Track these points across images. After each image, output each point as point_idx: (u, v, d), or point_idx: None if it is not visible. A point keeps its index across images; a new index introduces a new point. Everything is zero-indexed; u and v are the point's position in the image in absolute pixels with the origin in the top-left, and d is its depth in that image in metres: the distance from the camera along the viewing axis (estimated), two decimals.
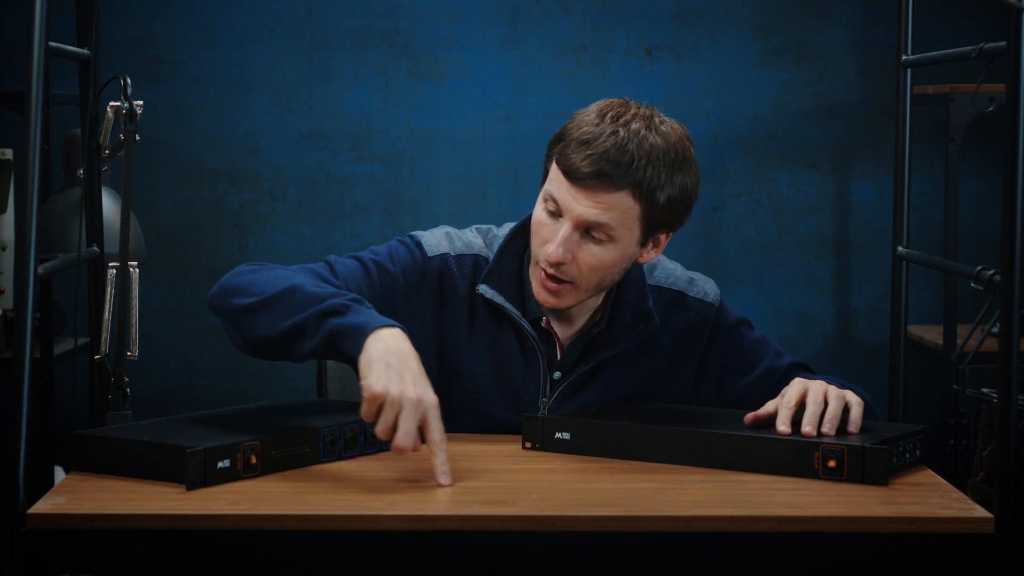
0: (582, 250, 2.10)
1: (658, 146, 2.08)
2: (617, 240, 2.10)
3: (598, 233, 2.09)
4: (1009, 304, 1.79)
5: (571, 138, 2.08)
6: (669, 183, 2.09)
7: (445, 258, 2.21)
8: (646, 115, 2.11)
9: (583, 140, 2.07)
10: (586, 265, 2.10)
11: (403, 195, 4.19)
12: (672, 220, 2.14)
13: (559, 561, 1.71)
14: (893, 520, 1.72)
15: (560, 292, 2.13)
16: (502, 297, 2.19)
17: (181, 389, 4.17)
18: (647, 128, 2.08)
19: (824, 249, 4.24)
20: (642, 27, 4.17)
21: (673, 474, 1.92)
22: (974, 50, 2.28)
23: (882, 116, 4.19)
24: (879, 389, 4.18)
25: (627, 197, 2.07)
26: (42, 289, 3.36)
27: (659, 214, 2.11)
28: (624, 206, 2.08)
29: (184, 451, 1.78)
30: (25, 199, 1.79)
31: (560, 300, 2.14)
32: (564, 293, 2.13)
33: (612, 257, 2.11)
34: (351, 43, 4.16)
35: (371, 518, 1.71)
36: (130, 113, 2.23)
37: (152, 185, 4.13)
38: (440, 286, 2.21)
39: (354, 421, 1.99)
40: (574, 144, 2.07)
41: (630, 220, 2.09)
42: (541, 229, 2.12)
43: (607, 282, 2.15)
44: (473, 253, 2.22)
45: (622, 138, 2.06)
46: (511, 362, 2.20)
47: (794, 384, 2.03)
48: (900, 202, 2.61)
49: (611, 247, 2.10)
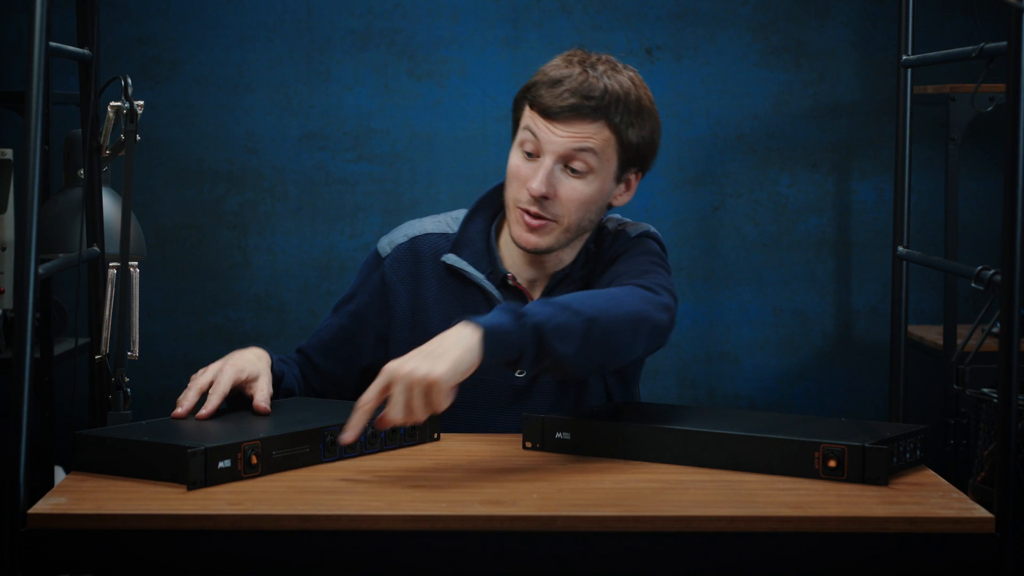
0: (563, 185, 2.19)
1: (625, 86, 2.21)
2: (595, 172, 2.19)
3: (578, 165, 2.18)
4: (1009, 304, 1.79)
5: (543, 81, 2.20)
6: (639, 120, 2.22)
7: (399, 249, 2.32)
8: (607, 59, 2.23)
9: (556, 79, 2.18)
10: (567, 200, 2.19)
11: (403, 195, 4.19)
12: (643, 159, 2.26)
13: (559, 561, 1.71)
14: (893, 520, 1.72)
15: (541, 229, 2.20)
16: (466, 263, 2.27)
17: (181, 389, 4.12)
18: (613, 70, 2.21)
19: (824, 249, 4.24)
20: (642, 27, 4.17)
21: (673, 474, 1.92)
22: (974, 50, 2.28)
23: (882, 116, 4.19)
24: (879, 389, 4.21)
25: (604, 128, 2.19)
26: (42, 289, 3.36)
27: (632, 149, 2.22)
28: (602, 136, 2.19)
29: (185, 451, 1.79)
30: (25, 199, 1.79)
31: (541, 238, 2.21)
32: (545, 231, 2.20)
33: (591, 191, 2.20)
34: (351, 43, 4.16)
35: (371, 518, 1.71)
36: (130, 113, 2.23)
37: (152, 185, 4.13)
38: (401, 275, 2.30)
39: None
40: (547, 84, 2.19)
41: (608, 151, 2.19)
42: (519, 172, 2.21)
43: (587, 222, 2.23)
44: (427, 232, 2.33)
45: (591, 76, 2.19)
46: None
47: (382, 373, 1.89)
48: (900, 202, 2.61)
49: (591, 179, 2.19)
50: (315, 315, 4.13)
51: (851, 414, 4.20)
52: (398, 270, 2.31)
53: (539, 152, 2.19)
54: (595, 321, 1.98)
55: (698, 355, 4.23)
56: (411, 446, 2.09)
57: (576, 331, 1.96)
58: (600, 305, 2.02)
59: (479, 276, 2.26)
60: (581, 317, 1.97)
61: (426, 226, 2.34)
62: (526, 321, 1.92)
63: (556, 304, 1.98)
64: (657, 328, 2.09)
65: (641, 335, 2.06)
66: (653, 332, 2.08)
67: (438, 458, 2.03)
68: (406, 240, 2.33)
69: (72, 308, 3.65)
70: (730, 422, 2.03)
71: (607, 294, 2.08)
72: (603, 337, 2.00)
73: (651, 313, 2.07)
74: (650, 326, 2.07)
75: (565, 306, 1.98)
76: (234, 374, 2.11)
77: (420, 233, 2.33)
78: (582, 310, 1.98)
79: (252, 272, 4.18)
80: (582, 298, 2.03)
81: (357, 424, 1.87)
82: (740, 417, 2.08)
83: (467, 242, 2.29)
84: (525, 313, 1.93)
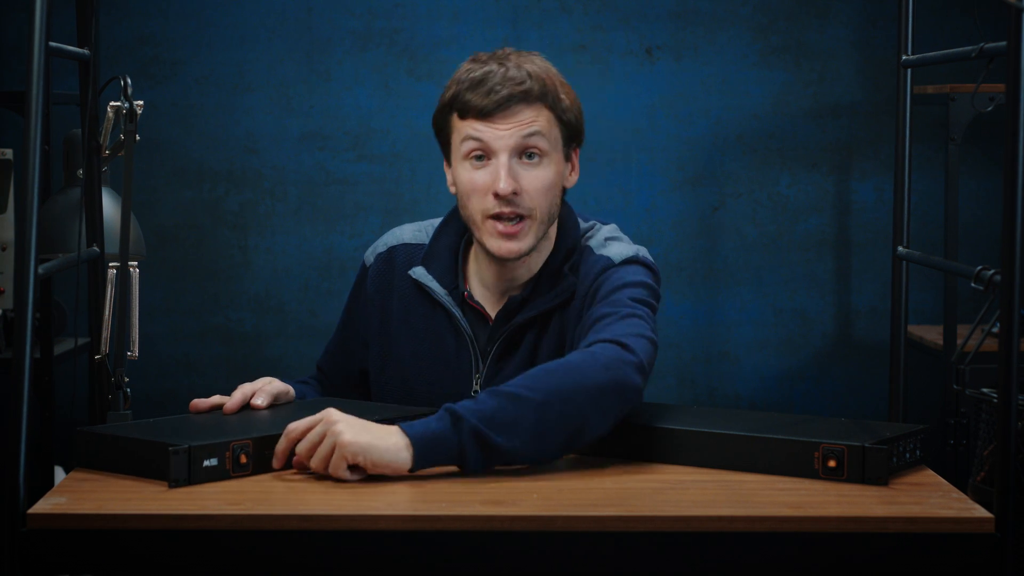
0: (523, 178, 2.18)
1: (541, 66, 2.22)
2: (548, 154, 2.19)
3: (532, 149, 2.18)
4: (1009, 304, 1.79)
5: (464, 88, 2.18)
6: (566, 95, 2.22)
7: (379, 258, 2.34)
8: (512, 51, 2.24)
9: (478, 81, 2.18)
10: (533, 189, 2.18)
11: (403, 195, 4.18)
12: (578, 133, 2.25)
13: (559, 561, 1.71)
14: (893, 520, 1.72)
15: (519, 232, 2.18)
16: (431, 277, 2.27)
17: (181, 389, 4.16)
18: (521, 59, 2.21)
19: (824, 249, 4.24)
20: (642, 27, 4.17)
21: (673, 474, 1.92)
22: (974, 50, 2.28)
23: (882, 116, 4.18)
24: (879, 389, 4.20)
25: (543, 109, 2.19)
26: (42, 289, 3.36)
27: (570, 125, 2.22)
28: (544, 117, 2.19)
29: (167, 448, 1.79)
30: (25, 199, 1.79)
31: (520, 241, 2.19)
32: (522, 233, 2.18)
33: (551, 174, 2.19)
34: (351, 43, 4.16)
35: (371, 518, 1.71)
36: (130, 113, 2.23)
37: (152, 185, 4.13)
38: (378, 285, 2.32)
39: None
40: (471, 88, 2.17)
41: (553, 130, 2.20)
42: (475, 183, 2.19)
43: (555, 207, 2.22)
44: (403, 243, 2.33)
45: (508, 68, 2.18)
46: (444, 342, 2.26)
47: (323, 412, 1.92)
48: (900, 202, 2.61)
49: (546, 163, 2.19)
50: (315, 315, 4.13)
51: (851, 414, 4.20)
52: (376, 280, 2.33)
53: (490, 153, 2.17)
54: (548, 406, 1.89)
55: (698, 355, 4.23)
56: None
57: (525, 422, 1.88)
58: (555, 386, 1.92)
59: (441, 292, 2.26)
60: (531, 405, 1.89)
61: (405, 235, 2.35)
62: (463, 425, 1.86)
63: (503, 394, 1.90)
64: (626, 392, 1.96)
65: (609, 407, 1.95)
66: (622, 398, 1.96)
67: None
68: (385, 249, 2.34)
69: (72, 308, 3.65)
70: (730, 422, 2.03)
71: (566, 367, 1.96)
72: (560, 420, 1.90)
73: (619, 379, 1.96)
74: (616, 395, 1.95)
75: (514, 396, 1.90)
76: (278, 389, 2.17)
77: (398, 243, 2.34)
78: (533, 396, 1.90)
79: (252, 272, 4.18)
80: (536, 379, 1.93)
81: (281, 452, 1.90)
82: (740, 417, 2.08)
83: (436, 255, 2.29)
84: (462, 417, 1.87)
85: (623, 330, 2.04)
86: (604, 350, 1.99)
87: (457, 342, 2.25)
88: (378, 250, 2.35)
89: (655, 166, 4.18)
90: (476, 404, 1.89)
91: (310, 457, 1.87)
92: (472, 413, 1.87)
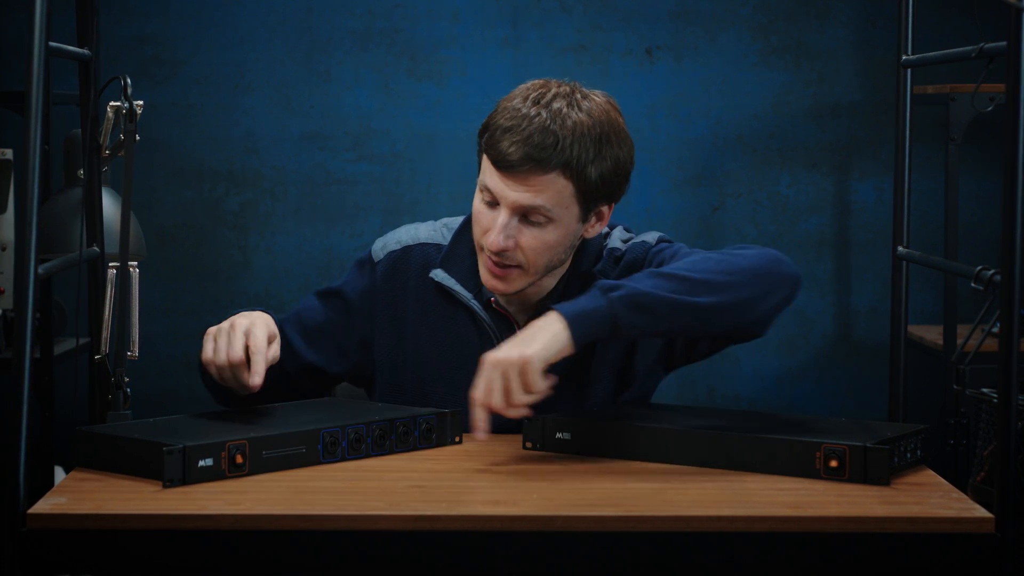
0: (523, 235, 2.13)
1: (582, 123, 2.10)
2: (556, 220, 2.13)
3: (535, 216, 2.12)
4: (1009, 304, 1.79)
5: (496, 126, 2.12)
6: (599, 158, 2.11)
7: (391, 256, 2.29)
8: (567, 93, 2.14)
9: (507, 127, 2.10)
10: (530, 248, 2.14)
11: (403, 195, 4.19)
12: (610, 192, 2.16)
13: (559, 561, 1.71)
14: (893, 520, 1.72)
15: (506, 276, 2.16)
16: (454, 280, 2.24)
17: (181, 389, 4.17)
18: (568, 106, 2.11)
19: (824, 249, 4.24)
20: (642, 27, 4.17)
21: (673, 474, 1.92)
22: (974, 50, 2.28)
23: (882, 116, 4.19)
24: (879, 389, 4.20)
25: (559, 178, 2.10)
26: (42, 289, 3.36)
27: (594, 189, 2.13)
28: (557, 187, 2.10)
29: (161, 448, 1.79)
30: (25, 199, 1.79)
31: (508, 285, 2.17)
32: (511, 278, 2.16)
33: (554, 237, 2.14)
34: (351, 43, 4.16)
35: (371, 518, 1.71)
36: (130, 113, 2.22)
37: (152, 185, 4.13)
38: (391, 284, 2.28)
39: (359, 423, 1.99)
40: (499, 132, 2.11)
41: (565, 199, 2.12)
42: (481, 219, 2.16)
43: (555, 262, 2.18)
44: (420, 242, 2.29)
45: (545, 120, 2.09)
46: (467, 345, 2.23)
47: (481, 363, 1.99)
48: (900, 202, 2.61)
49: (551, 228, 2.13)
50: None
51: (851, 414, 4.20)
52: (389, 278, 2.28)
53: (496, 202, 2.14)
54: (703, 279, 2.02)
55: None
56: (427, 448, 2.08)
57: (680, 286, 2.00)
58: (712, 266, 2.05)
59: (467, 296, 2.23)
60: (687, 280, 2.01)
61: (420, 234, 2.31)
62: (613, 295, 1.97)
63: (659, 272, 2.03)
64: (789, 276, 2.09)
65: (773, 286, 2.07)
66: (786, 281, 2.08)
67: (438, 458, 2.03)
68: (399, 248, 2.29)
69: (72, 308, 3.65)
70: (730, 422, 2.03)
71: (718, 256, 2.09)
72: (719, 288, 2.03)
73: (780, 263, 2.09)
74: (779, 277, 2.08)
75: (669, 275, 2.02)
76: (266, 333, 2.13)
77: (414, 242, 2.29)
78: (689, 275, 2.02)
79: (252, 272, 4.18)
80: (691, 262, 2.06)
81: (482, 420, 1.95)
82: (740, 417, 2.08)
83: (456, 258, 2.26)
84: (613, 287, 1.98)
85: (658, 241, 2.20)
86: (734, 248, 2.12)
87: (482, 344, 2.21)
88: (390, 247, 2.30)
89: (655, 166, 4.18)
90: (630, 279, 2.00)
91: (506, 397, 1.94)
92: (623, 286, 1.98)
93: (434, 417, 2.08)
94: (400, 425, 2.04)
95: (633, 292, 1.98)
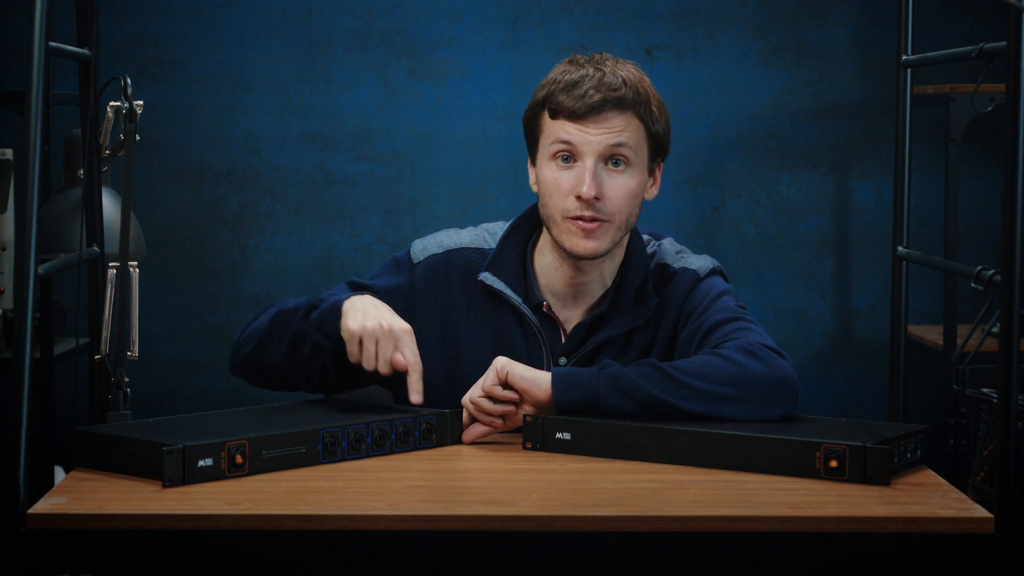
0: (608, 183, 2.19)
1: (636, 75, 2.22)
2: (634, 164, 2.20)
3: (619, 156, 2.19)
4: (1009, 304, 1.79)
5: (558, 88, 2.19)
6: (657, 107, 2.22)
7: (432, 259, 2.28)
8: (609, 56, 2.24)
9: (573, 82, 2.18)
10: (616, 196, 2.19)
11: (403, 195, 4.18)
12: (663, 146, 2.25)
13: (559, 561, 1.71)
14: (893, 520, 1.72)
15: (596, 231, 2.18)
16: (503, 283, 2.24)
17: (181, 389, 4.17)
18: (617, 64, 2.22)
19: (824, 249, 4.24)
20: (642, 27, 4.17)
21: (673, 474, 1.92)
22: (974, 50, 2.28)
23: (882, 116, 4.18)
24: (879, 389, 4.20)
25: (633, 118, 2.19)
26: (42, 289, 3.36)
27: (658, 138, 2.23)
28: (633, 126, 2.19)
29: (161, 448, 1.79)
30: (25, 199, 1.79)
31: (599, 241, 2.19)
32: (600, 232, 2.19)
33: (635, 183, 2.21)
34: (351, 43, 4.16)
35: (371, 518, 1.71)
36: (130, 113, 2.23)
37: (152, 185, 4.13)
38: (431, 286, 2.27)
39: (359, 423, 1.99)
40: (565, 90, 2.18)
41: (641, 140, 2.21)
42: (561, 183, 2.19)
43: (633, 217, 2.23)
44: (462, 246, 2.30)
45: (605, 72, 2.19)
46: (513, 349, 2.23)
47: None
48: (900, 202, 2.61)
49: (631, 172, 2.20)
50: None
51: (851, 414, 4.20)
52: (430, 281, 2.27)
53: (577, 156, 2.17)
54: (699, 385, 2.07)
55: None
56: (427, 448, 2.08)
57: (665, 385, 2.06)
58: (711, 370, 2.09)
59: (516, 299, 2.24)
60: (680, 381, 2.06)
61: (463, 239, 2.31)
62: (605, 371, 2.06)
63: (658, 367, 2.08)
64: (790, 387, 2.13)
65: (776, 399, 2.11)
66: (789, 392, 2.12)
67: (438, 458, 2.03)
68: (441, 251, 2.29)
69: (72, 308, 3.65)
70: (730, 422, 2.03)
71: (725, 359, 2.12)
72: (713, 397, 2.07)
73: (783, 375, 2.14)
74: (782, 389, 2.12)
75: (669, 374, 2.08)
76: (412, 342, 2.14)
77: (456, 246, 2.29)
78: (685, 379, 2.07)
79: (252, 272, 4.18)
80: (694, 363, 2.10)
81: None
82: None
83: (504, 262, 2.26)
84: (609, 363, 2.08)
85: (759, 339, 2.18)
86: (756, 349, 2.14)
87: (529, 347, 2.23)
88: (431, 250, 2.29)
89: None
90: (634, 363, 2.09)
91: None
92: (612, 365, 2.07)
93: (434, 417, 2.08)
94: (400, 425, 2.04)
95: (620, 375, 2.05)
